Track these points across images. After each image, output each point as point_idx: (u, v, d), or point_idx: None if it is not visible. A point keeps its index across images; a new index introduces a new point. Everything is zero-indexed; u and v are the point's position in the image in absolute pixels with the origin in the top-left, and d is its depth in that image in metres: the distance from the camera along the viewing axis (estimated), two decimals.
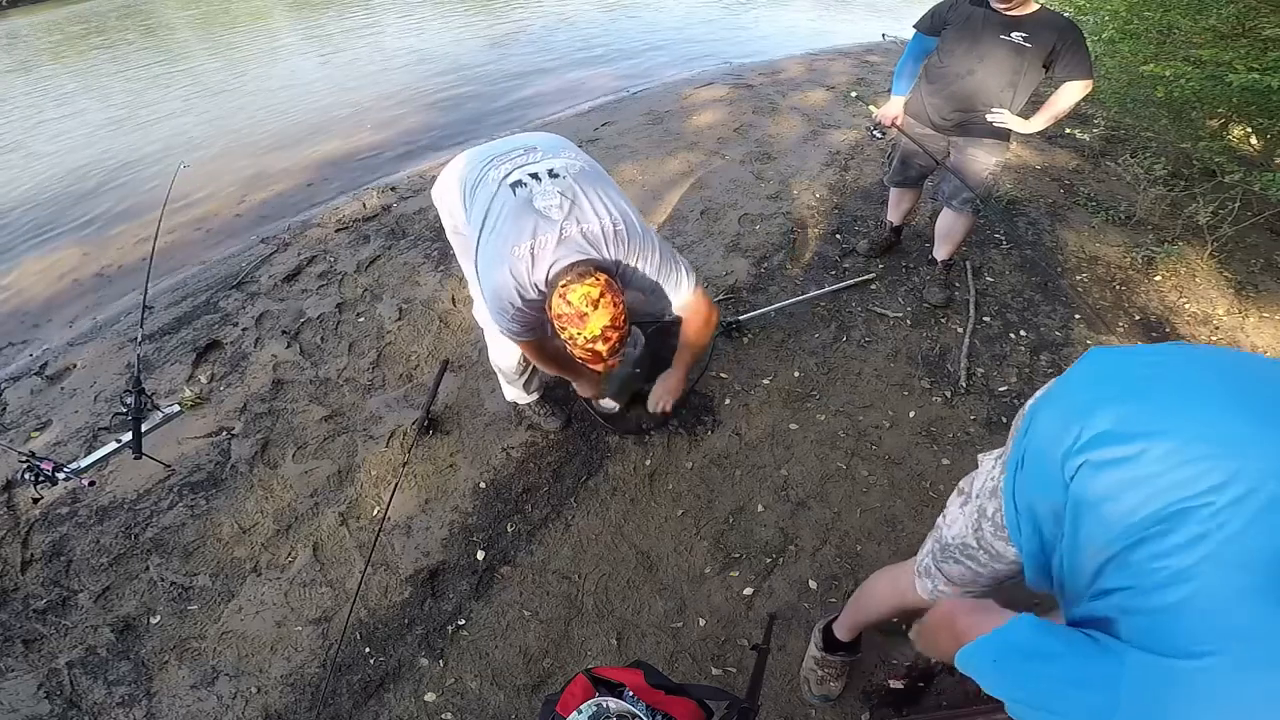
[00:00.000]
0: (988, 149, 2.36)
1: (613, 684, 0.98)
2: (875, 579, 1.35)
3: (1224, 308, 2.80)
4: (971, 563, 0.98)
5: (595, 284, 1.37)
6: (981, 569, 0.98)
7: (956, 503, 1.04)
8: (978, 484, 0.98)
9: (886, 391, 2.39)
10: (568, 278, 1.39)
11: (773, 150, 4.17)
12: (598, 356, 1.44)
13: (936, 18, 2.32)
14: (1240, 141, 3.84)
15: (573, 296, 1.36)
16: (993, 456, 0.99)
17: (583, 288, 1.36)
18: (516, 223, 1.45)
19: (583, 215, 1.47)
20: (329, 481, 2.13)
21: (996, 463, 0.95)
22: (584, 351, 1.43)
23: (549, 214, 1.45)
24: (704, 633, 1.72)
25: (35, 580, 1.90)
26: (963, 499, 1.02)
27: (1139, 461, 0.62)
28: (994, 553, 0.93)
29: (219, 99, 6.71)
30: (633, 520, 2.00)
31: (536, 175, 1.50)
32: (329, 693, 1.63)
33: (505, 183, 1.50)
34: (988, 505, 0.93)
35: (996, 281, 2.93)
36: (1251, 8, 2.87)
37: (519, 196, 1.47)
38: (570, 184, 1.49)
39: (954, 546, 1.01)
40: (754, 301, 2.80)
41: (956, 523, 1.01)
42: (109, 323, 3.03)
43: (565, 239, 1.44)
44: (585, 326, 1.37)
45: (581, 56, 7.13)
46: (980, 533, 0.94)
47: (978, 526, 0.94)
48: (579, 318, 1.37)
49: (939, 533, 1.06)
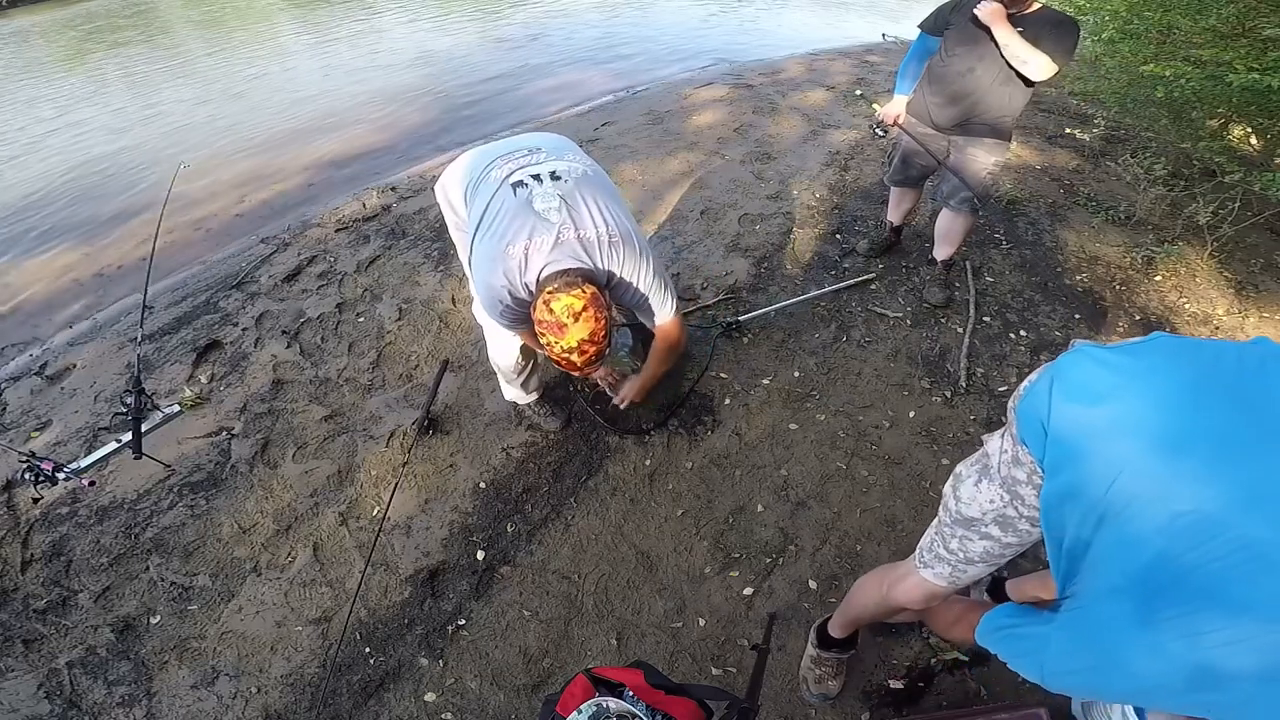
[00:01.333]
0: (987, 149, 2.36)
1: (613, 684, 0.98)
2: (866, 578, 1.37)
3: (1224, 308, 2.80)
4: (1004, 531, 0.99)
5: (580, 296, 1.38)
6: (1013, 538, 0.99)
7: (967, 484, 1.03)
8: (994, 460, 0.98)
9: (886, 391, 2.39)
10: (555, 284, 1.39)
11: (773, 150, 4.17)
12: (572, 366, 1.45)
13: (940, 17, 2.32)
14: (1240, 141, 3.84)
15: (556, 306, 1.37)
16: (997, 436, 1.00)
17: (567, 298, 1.37)
18: (514, 223, 1.45)
19: (580, 221, 1.47)
20: (329, 481, 2.13)
21: (1004, 439, 0.97)
22: (559, 359, 1.44)
23: (547, 216, 1.45)
24: (704, 633, 1.72)
25: (35, 580, 1.90)
26: (974, 479, 1.02)
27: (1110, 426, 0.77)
28: (1035, 518, 0.94)
29: (219, 99, 6.71)
30: (633, 520, 2.00)
31: (539, 177, 1.50)
32: (329, 693, 1.63)
33: (507, 182, 1.51)
34: (1016, 472, 0.93)
35: (996, 281, 2.93)
36: (1251, 8, 2.87)
37: (519, 197, 1.47)
38: (571, 188, 1.50)
39: (983, 520, 1.00)
40: (754, 301, 2.80)
41: (977, 500, 1.00)
42: (109, 323, 3.03)
43: (561, 243, 1.44)
44: (564, 337, 1.38)
45: (581, 56, 7.13)
46: (1019, 500, 0.94)
47: (1014, 495, 0.95)
48: (558, 327, 1.38)
49: (954, 513, 1.06)
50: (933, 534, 1.13)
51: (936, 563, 1.11)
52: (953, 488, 1.07)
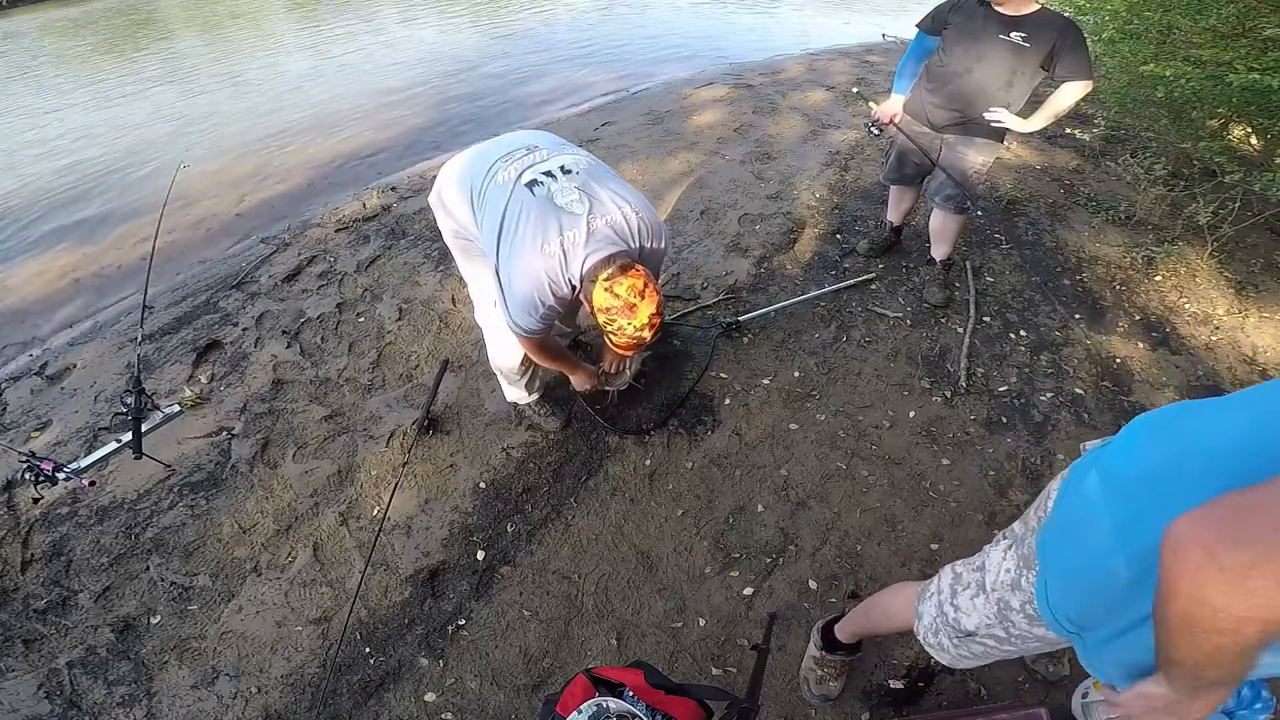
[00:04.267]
0: (979, 148, 2.36)
1: (613, 684, 0.98)
2: (893, 595, 1.33)
3: (1224, 308, 2.80)
4: (999, 644, 1.00)
5: (638, 275, 1.43)
6: (1010, 648, 1.00)
7: (965, 594, 1.04)
8: (990, 578, 0.99)
9: (886, 391, 2.39)
10: (609, 270, 1.42)
11: (773, 150, 4.17)
12: (641, 343, 1.49)
13: (938, 17, 2.32)
14: (1240, 141, 3.83)
15: (620, 289, 1.41)
16: (1000, 549, 1.01)
17: (628, 280, 1.41)
18: (541, 221, 1.47)
19: (604, 207, 1.51)
20: (329, 481, 2.13)
21: (1007, 555, 0.97)
22: (630, 339, 1.47)
23: (572, 209, 1.47)
24: (704, 633, 1.72)
25: (35, 580, 1.90)
26: (972, 591, 1.03)
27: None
28: (1029, 636, 0.94)
29: (219, 99, 6.71)
30: (633, 520, 2.00)
31: (551, 173, 1.52)
32: (329, 693, 1.63)
33: (520, 183, 1.51)
34: (1010, 598, 0.94)
35: (996, 281, 2.93)
36: (1251, 8, 2.86)
37: (538, 195, 1.49)
38: (585, 179, 1.53)
39: (977, 636, 1.02)
40: (754, 301, 2.79)
41: (974, 614, 1.01)
42: (109, 323, 3.03)
43: (593, 232, 1.47)
44: (635, 316, 1.42)
45: (582, 56, 7.13)
46: (1009, 624, 0.96)
47: (1004, 619, 0.96)
48: (629, 309, 1.41)
49: (953, 620, 1.06)
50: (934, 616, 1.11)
51: (939, 650, 1.12)
52: (951, 590, 1.07)
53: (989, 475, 2.09)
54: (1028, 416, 2.30)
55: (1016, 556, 0.95)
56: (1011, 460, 2.14)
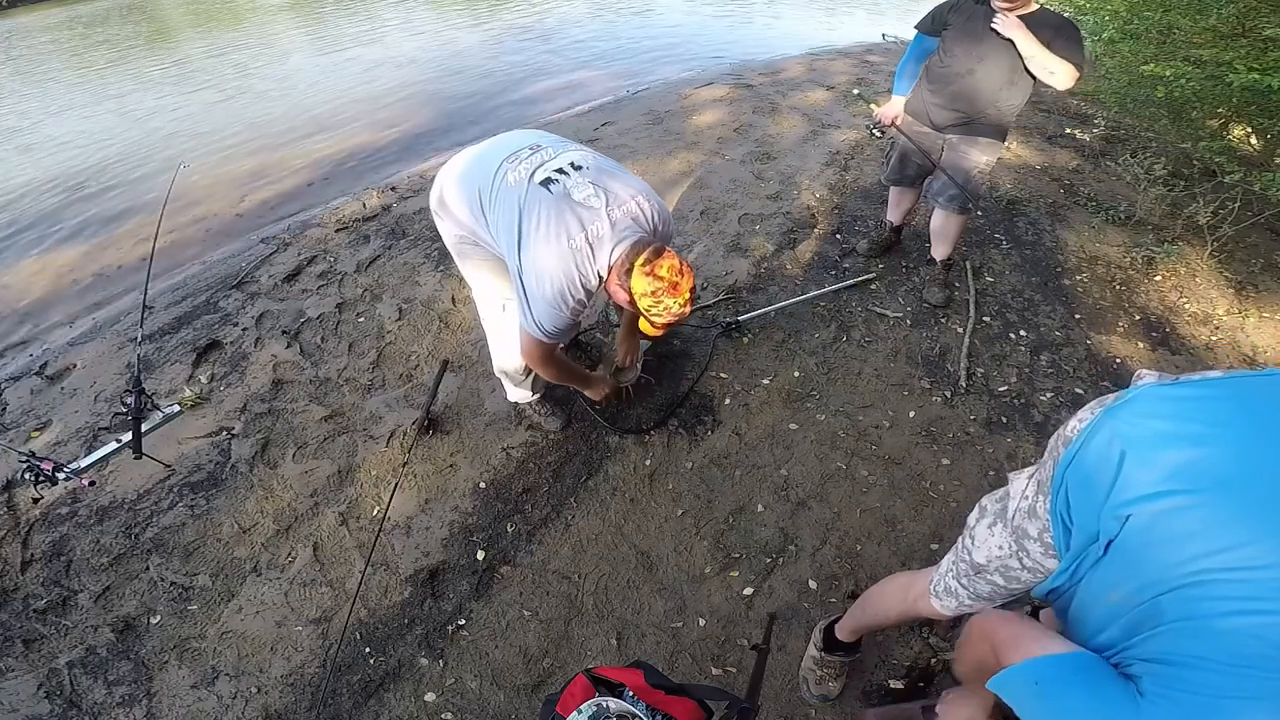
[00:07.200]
0: (981, 148, 2.37)
1: (613, 684, 0.98)
2: (886, 584, 1.34)
3: (1224, 307, 2.80)
4: (1007, 581, 1.00)
5: (671, 255, 1.47)
6: (1017, 585, 1.00)
7: (982, 524, 1.03)
8: (1012, 505, 0.98)
9: (886, 391, 2.39)
10: (643, 255, 1.45)
11: (773, 150, 4.17)
12: (682, 318, 1.53)
13: (937, 18, 2.33)
14: (1240, 141, 3.84)
15: (662, 271, 1.44)
16: (1025, 476, 1.00)
17: (666, 261, 1.45)
18: (562, 218, 1.48)
19: (619, 200, 1.54)
20: (329, 481, 2.13)
21: (1029, 481, 0.96)
22: (675, 316, 1.50)
23: (589, 204, 1.50)
24: (704, 633, 1.72)
25: (35, 580, 1.90)
26: (990, 520, 1.02)
27: (1188, 516, 0.65)
28: (1040, 570, 0.94)
29: (220, 98, 6.71)
30: (633, 520, 2.00)
31: (563, 170, 1.54)
32: (329, 693, 1.63)
33: (534, 182, 1.52)
34: (1028, 526, 0.93)
35: (996, 281, 2.93)
36: (1251, 8, 2.87)
37: (555, 193, 1.50)
38: (595, 173, 1.56)
39: (988, 568, 1.01)
40: (754, 301, 2.80)
41: (987, 544, 1.01)
42: (109, 323, 3.03)
43: (615, 223, 1.51)
44: (679, 294, 1.46)
45: (581, 56, 7.13)
46: (1024, 553, 0.95)
47: (1020, 548, 0.95)
48: (673, 288, 1.45)
49: (965, 555, 1.06)
50: (950, 561, 1.12)
51: (946, 595, 1.12)
52: (974, 521, 1.07)
53: (989, 475, 2.09)
54: (1028, 416, 2.30)
55: (1035, 482, 0.94)
56: (1012, 460, 2.14)
